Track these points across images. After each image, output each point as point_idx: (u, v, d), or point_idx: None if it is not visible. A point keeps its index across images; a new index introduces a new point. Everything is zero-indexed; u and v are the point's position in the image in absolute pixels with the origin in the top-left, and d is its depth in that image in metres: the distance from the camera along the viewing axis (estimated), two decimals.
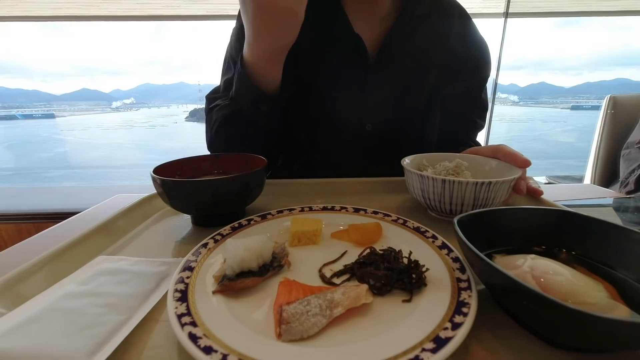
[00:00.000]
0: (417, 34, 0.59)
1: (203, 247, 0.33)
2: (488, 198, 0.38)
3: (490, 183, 0.36)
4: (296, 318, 0.22)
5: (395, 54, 0.58)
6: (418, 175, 0.40)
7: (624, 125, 1.19)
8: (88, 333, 0.22)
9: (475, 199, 0.37)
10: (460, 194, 0.37)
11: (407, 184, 0.44)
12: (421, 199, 0.42)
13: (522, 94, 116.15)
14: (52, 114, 32.29)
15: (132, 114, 31.26)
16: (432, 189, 0.39)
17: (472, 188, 0.37)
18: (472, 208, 0.38)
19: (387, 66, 0.58)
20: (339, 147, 0.63)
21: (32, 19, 2.35)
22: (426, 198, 0.41)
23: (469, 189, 0.37)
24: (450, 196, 0.38)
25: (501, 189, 0.37)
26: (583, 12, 2.59)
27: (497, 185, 0.37)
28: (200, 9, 2.36)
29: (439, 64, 0.60)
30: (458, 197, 0.38)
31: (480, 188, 0.36)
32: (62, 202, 1.27)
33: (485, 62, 0.65)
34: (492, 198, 0.38)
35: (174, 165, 0.46)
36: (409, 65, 0.59)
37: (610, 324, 0.17)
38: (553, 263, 0.26)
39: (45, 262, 0.31)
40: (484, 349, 0.22)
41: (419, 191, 0.41)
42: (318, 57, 0.57)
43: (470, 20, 0.64)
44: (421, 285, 0.26)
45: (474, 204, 0.38)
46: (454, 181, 0.37)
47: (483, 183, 0.36)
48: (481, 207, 0.39)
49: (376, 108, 0.60)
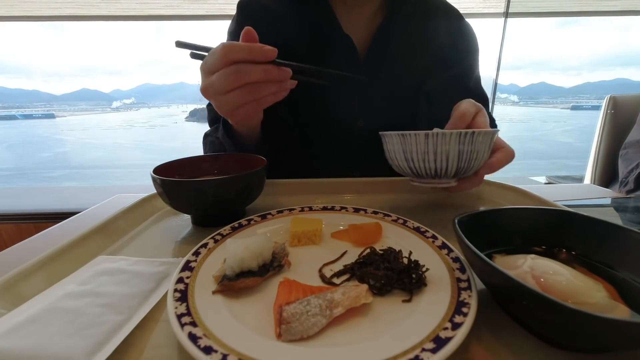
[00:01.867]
0: (405, 32, 0.60)
1: (203, 247, 0.33)
2: (472, 152, 0.37)
3: (473, 133, 0.35)
4: (296, 318, 0.22)
5: (384, 52, 0.59)
6: (399, 136, 0.39)
7: (624, 125, 1.19)
8: (88, 333, 0.22)
9: (460, 152, 0.36)
10: (445, 148, 0.36)
11: (388, 154, 0.42)
12: (404, 164, 0.40)
13: (522, 94, 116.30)
14: (52, 114, 32.31)
15: (132, 114, 31.27)
16: (415, 147, 0.38)
17: (455, 139, 0.36)
18: (457, 164, 0.37)
19: (377, 64, 0.59)
20: (332, 143, 0.64)
21: (32, 18, 2.35)
22: (409, 160, 0.39)
23: (453, 141, 0.36)
24: (435, 152, 0.37)
25: (484, 141, 0.37)
26: (583, 12, 2.59)
27: (479, 137, 0.36)
28: (200, 9, 2.36)
29: (427, 61, 0.61)
30: (442, 152, 0.36)
31: (464, 139, 0.36)
32: (62, 202, 1.27)
33: (470, 51, 0.65)
34: (476, 152, 0.37)
35: (174, 165, 0.46)
36: (399, 63, 0.60)
37: (610, 324, 0.17)
38: (553, 263, 0.26)
39: (45, 262, 0.31)
40: (484, 349, 0.22)
41: (401, 154, 0.40)
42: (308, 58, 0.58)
43: (458, 18, 0.65)
44: (421, 285, 0.26)
45: (459, 159, 0.37)
46: (437, 133, 0.36)
47: (467, 133, 0.35)
48: (467, 163, 0.37)
49: (367, 105, 0.61)
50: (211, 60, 0.36)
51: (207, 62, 0.37)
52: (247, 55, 0.35)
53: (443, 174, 0.39)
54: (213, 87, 0.37)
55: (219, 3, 2.34)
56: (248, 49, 0.35)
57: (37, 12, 2.32)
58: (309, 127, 0.63)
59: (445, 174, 0.39)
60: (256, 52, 0.35)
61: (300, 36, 0.57)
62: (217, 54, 0.36)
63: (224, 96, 0.38)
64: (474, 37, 0.65)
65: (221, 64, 0.36)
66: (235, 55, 0.35)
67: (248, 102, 0.39)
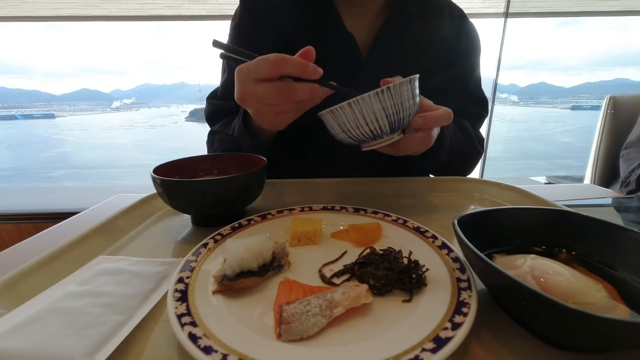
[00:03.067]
0: (408, 32, 0.59)
1: (203, 247, 0.33)
2: (395, 105, 0.37)
3: (389, 88, 0.36)
4: (296, 318, 0.22)
5: (386, 52, 0.59)
6: (329, 113, 0.39)
7: (624, 125, 1.19)
8: (88, 333, 0.22)
9: (385, 108, 0.37)
10: (369, 109, 0.37)
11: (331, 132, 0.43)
12: (344, 136, 0.41)
13: (522, 94, 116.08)
14: (52, 114, 32.30)
15: (132, 114, 31.27)
16: (344, 118, 0.38)
17: (375, 98, 0.36)
18: (388, 120, 0.38)
19: (379, 64, 0.59)
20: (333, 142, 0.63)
21: (32, 19, 2.36)
22: (347, 131, 0.40)
23: (374, 101, 0.36)
24: (363, 117, 0.37)
25: (402, 91, 0.37)
26: (583, 12, 2.59)
27: (396, 89, 0.36)
28: (200, 9, 2.36)
29: (430, 61, 0.61)
30: (370, 114, 0.37)
31: (382, 96, 0.36)
32: (62, 202, 1.27)
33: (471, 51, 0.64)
34: (401, 103, 0.37)
35: (174, 165, 0.46)
36: (401, 63, 0.60)
37: (610, 324, 0.17)
38: (553, 263, 0.26)
39: (45, 262, 0.31)
40: (484, 349, 0.22)
41: (338, 128, 0.40)
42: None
43: (462, 17, 0.65)
44: (421, 285, 0.26)
45: (387, 115, 0.37)
46: (357, 99, 0.36)
47: (383, 90, 0.36)
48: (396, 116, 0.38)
49: None
50: (258, 69, 0.36)
51: (251, 68, 0.37)
52: (298, 72, 0.35)
53: (381, 133, 0.39)
54: (256, 96, 0.37)
55: (219, 3, 2.34)
56: (301, 65, 0.35)
57: (38, 13, 2.32)
58: (309, 126, 0.63)
59: (382, 132, 0.39)
60: (308, 71, 0.36)
61: (302, 33, 0.57)
62: (266, 64, 0.35)
63: (267, 106, 0.38)
64: (476, 37, 0.65)
65: (270, 74, 0.36)
66: (287, 69, 0.35)
67: (290, 112, 0.40)
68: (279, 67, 0.35)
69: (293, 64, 0.35)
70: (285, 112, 0.39)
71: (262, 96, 0.37)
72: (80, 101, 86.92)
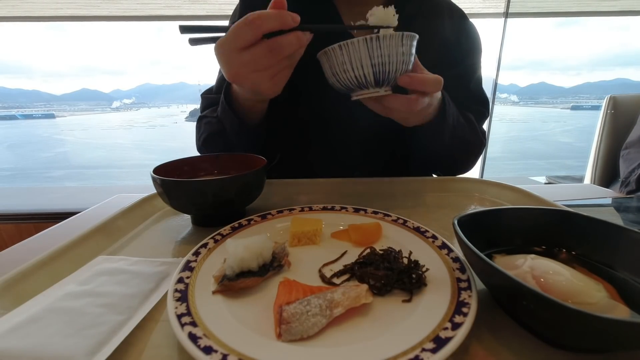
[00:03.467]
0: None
1: (203, 247, 0.33)
2: (382, 55, 0.37)
3: (379, 36, 0.36)
4: (296, 318, 0.22)
5: None
6: (323, 55, 0.40)
7: (624, 125, 1.19)
8: (88, 333, 0.22)
9: (372, 57, 0.37)
10: (356, 55, 0.37)
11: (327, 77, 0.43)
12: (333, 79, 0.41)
13: (522, 94, 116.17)
14: (52, 114, 32.31)
15: (132, 114, 31.27)
16: (334, 60, 0.39)
17: (363, 44, 0.36)
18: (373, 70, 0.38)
19: None
20: (333, 142, 0.63)
21: (32, 19, 2.35)
22: (336, 74, 0.40)
23: (361, 47, 0.36)
24: (350, 61, 0.37)
25: (392, 43, 0.37)
26: (583, 12, 2.59)
27: (386, 39, 0.36)
28: (200, 9, 2.36)
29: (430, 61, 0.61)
30: (356, 60, 0.37)
31: (371, 43, 0.36)
32: (62, 202, 1.27)
33: (473, 51, 0.64)
34: (388, 55, 0.37)
35: (174, 165, 0.46)
36: None
37: (610, 324, 0.17)
38: (553, 263, 0.26)
39: (45, 262, 0.31)
40: (484, 349, 0.22)
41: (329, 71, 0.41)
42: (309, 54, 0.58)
43: (462, 17, 0.64)
44: (421, 285, 0.26)
45: (373, 65, 0.37)
46: (347, 42, 0.36)
47: (372, 37, 0.36)
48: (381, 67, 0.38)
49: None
50: (239, 36, 0.34)
51: (231, 39, 0.35)
52: (279, 25, 0.34)
53: (365, 83, 0.39)
54: (248, 66, 0.36)
55: (219, 3, 2.34)
56: (280, 17, 0.34)
57: (38, 13, 2.32)
58: (309, 126, 0.63)
59: (366, 82, 0.39)
60: (288, 20, 0.34)
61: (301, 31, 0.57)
62: (246, 27, 0.34)
63: (262, 73, 0.36)
64: (477, 38, 0.65)
65: (254, 37, 0.34)
66: (267, 25, 0.33)
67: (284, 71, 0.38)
68: (259, 27, 0.33)
69: (271, 18, 0.34)
70: (279, 72, 0.38)
71: (253, 63, 0.35)
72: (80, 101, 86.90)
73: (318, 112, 0.62)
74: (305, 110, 0.62)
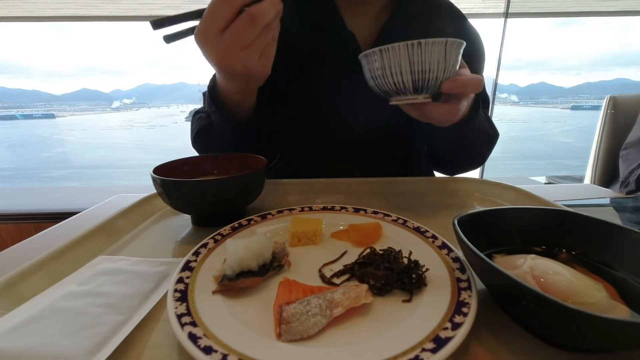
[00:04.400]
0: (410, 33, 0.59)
1: (203, 247, 0.33)
2: (424, 62, 0.36)
3: (420, 43, 0.35)
4: (296, 318, 0.22)
5: None
6: (364, 57, 0.40)
7: (624, 125, 1.19)
8: (88, 333, 0.22)
9: (411, 63, 0.36)
10: (396, 60, 0.37)
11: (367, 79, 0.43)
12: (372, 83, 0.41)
13: (522, 94, 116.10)
14: (52, 114, 32.31)
15: (132, 114, 31.27)
16: (374, 64, 0.38)
17: (404, 50, 0.36)
18: (411, 77, 0.37)
19: None
20: (334, 141, 0.63)
21: (32, 19, 2.35)
22: (375, 78, 0.40)
23: (402, 52, 0.36)
24: (390, 66, 0.37)
25: (434, 50, 0.36)
26: (583, 12, 2.59)
27: (428, 46, 0.35)
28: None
29: None
30: (395, 66, 0.37)
31: (412, 50, 0.36)
32: (62, 202, 1.27)
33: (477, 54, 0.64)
34: (429, 62, 0.36)
35: (174, 165, 0.46)
36: None
37: (610, 324, 0.17)
38: (553, 263, 0.26)
39: (45, 262, 0.31)
40: (484, 349, 0.22)
41: (369, 74, 0.41)
42: (311, 55, 0.58)
43: (462, 18, 0.65)
44: (421, 285, 0.26)
45: (412, 71, 0.37)
46: (388, 47, 0.36)
47: (414, 43, 0.35)
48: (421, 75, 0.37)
49: (369, 103, 0.61)
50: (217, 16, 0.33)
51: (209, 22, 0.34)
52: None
53: (403, 89, 0.39)
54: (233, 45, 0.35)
55: None
56: None
57: (38, 13, 2.32)
58: (310, 125, 0.63)
59: (405, 88, 0.39)
60: None
61: (303, 32, 0.57)
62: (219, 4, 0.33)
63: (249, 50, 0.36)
64: (479, 40, 0.65)
65: (232, 12, 0.33)
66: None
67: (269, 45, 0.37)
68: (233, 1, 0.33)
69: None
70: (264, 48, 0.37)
71: (238, 40, 0.34)
72: (80, 101, 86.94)
73: (320, 110, 0.62)
74: (306, 109, 0.62)
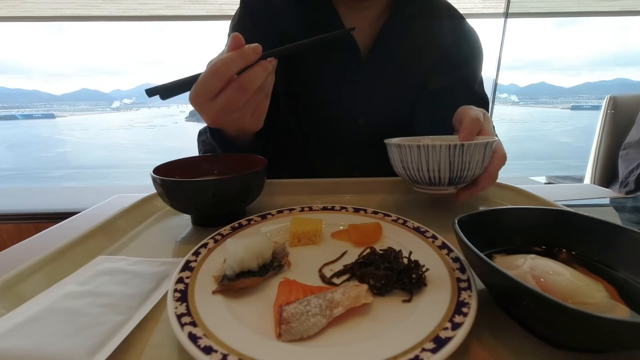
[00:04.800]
0: (408, 33, 0.59)
1: (203, 247, 0.33)
2: (463, 162, 0.37)
3: (462, 145, 0.36)
4: (296, 318, 0.22)
5: (386, 52, 0.59)
6: (396, 146, 0.41)
7: (624, 125, 1.19)
8: (88, 333, 0.22)
9: (451, 163, 0.37)
10: (436, 159, 0.37)
11: (391, 161, 0.44)
12: (402, 171, 0.42)
13: (522, 94, 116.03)
14: (52, 114, 32.29)
15: (132, 114, 31.27)
16: (409, 157, 0.39)
17: (445, 151, 0.36)
18: (449, 174, 0.38)
19: (379, 64, 0.59)
20: (333, 142, 0.64)
21: (32, 19, 2.36)
22: (406, 169, 0.41)
23: (442, 153, 0.37)
24: (427, 162, 0.38)
25: (475, 152, 0.37)
26: (583, 12, 2.59)
27: (470, 149, 0.36)
28: (200, 10, 2.36)
29: (430, 63, 0.61)
30: (434, 163, 0.38)
31: (454, 151, 0.36)
32: (62, 202, 1.27)
33: (476, 53, 0.65)
34: (468, 162, 0.37)
35: (174, 165, 0.46)
36: (401, 63, 0.60)
37: (610, 324, 0.17)
38: (553, 263, 0.26)
39: (45, 262, 0.31)
40: (484, 349, 0.22)
41: (399, 163, 0.42)
42: (310, 56, 0.58)
43: (460, 19, 0.65)
44: (421, 285, 0.26)
45: (450, 169, 0.38)
46: (427, 146, 0.37)
47: (456, 146, 0.36)
48: (459, 173, 0.38)
49: (368, 103, 0.61)
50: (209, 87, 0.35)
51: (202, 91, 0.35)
52: (242, 63, 0.34)
53: (438, 182, 0.40)
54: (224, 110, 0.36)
55: (219, 3, 2.35)
56: (241, 56, 0.34)
57: (38, 13, 2.32)
58: (309, 125, 0.63)
59: (439, 182, 0.40)
60: (249, 55, 0.34)
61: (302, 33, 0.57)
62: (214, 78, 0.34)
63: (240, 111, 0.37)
64: (477, 40, 0.65)
65: (222, 84, 0.35)
66: (231, 69, 0.34)
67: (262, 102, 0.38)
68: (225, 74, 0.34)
69: (235, 60, 0.34)
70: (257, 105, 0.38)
71: (229, 106, 0.36)
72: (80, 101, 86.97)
73: (320, 110, 0.62)
74: (305, 109, 0.62)
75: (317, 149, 0.65)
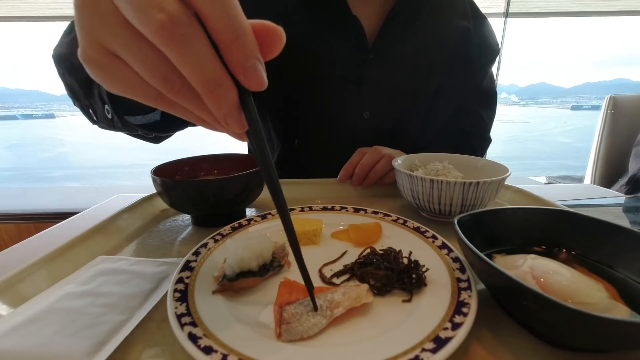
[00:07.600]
0: (418, 21, 0.58)
1: (203, 247, 0.33)
2: (476, 198, 0.37)
3: (478, 183, 0.36)
4: (296, 318, 0.22)
5: (394, 39, 0.57)
6: (407, 175, 0.40)
7: (624, 125, 1.19)
8: (88, 333, 0.22)
9: (464, 199, 0.37)
10: (449, 194, 0.37)
11: (398, 184, 0.44)
12: (411, 199, 0.42)
13: (522, 94, 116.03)
14: (52, 114, 32.27)
15: None
16: (420, 189, 0.39)
17: (459, 188, 0.36)
18: (460, 208, 0.38)
19: (386, 51, 0.57)
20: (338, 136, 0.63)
21: (32, 19, 2.36)
22: (416, 198, 0.41)
23: (457, 189, 0.37)
24: (439, 196, 0.38)
25: (489, 189, 0.37)
26: (583, 12, 2.59)
27: (485, 186, 0.36)
28: None
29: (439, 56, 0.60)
30: (446, 197, 0.38)
31: (468, 188, 0.36)
32: (62, 202, 1.27)
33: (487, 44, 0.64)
34: (481, 198, 0.38)
35: (174, 165, 0.46)
36: (408, 53, 0.58)
37: (610, 324, 0.17)
38: (553, 263, 0.26)
39: (45, 262, 0.31)
40: (484, 349, 0.22)
41: (409, 191, 0.42)
42: (315, 40, 0.56)
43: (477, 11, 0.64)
44: (421, 285, 0.26)
45: (462, 204, 0.38)
46: (442, 181, 0.37)
47: (471, 183, 0.36)
48: (470, 207, 0.38)
49: (374, 95, 0.60)
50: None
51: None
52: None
53: (447, 214, 0.40)
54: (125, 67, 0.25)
55: None
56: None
57: (38, 13, 2.32)
58: (316, 118, 0.62)
59: (449, 213, 0.40)
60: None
61: (306, 17, 0.55)
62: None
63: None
64: (490, 34, 0.64)
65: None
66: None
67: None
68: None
69: None
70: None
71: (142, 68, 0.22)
72: None
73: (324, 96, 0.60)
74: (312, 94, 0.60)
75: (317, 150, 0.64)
